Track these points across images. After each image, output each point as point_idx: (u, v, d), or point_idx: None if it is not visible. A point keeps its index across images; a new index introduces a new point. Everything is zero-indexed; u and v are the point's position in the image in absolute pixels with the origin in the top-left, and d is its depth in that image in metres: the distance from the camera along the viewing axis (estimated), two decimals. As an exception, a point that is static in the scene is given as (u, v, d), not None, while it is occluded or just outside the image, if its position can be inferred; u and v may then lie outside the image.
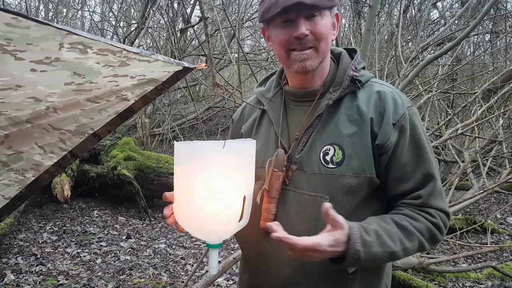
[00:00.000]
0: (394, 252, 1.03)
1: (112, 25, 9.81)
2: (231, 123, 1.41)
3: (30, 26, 0.79)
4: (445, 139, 3.87)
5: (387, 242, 1.02)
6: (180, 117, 8.76)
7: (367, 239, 1.00)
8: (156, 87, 1.31)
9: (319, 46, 1.08)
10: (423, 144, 1.10)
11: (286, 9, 1.04)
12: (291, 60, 1.10)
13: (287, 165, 1.13)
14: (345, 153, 1.07)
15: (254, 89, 1.33)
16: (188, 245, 4.36)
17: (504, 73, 5.35)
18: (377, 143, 1.07)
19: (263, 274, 1.19)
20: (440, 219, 1.09)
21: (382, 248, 1.02)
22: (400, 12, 5.21)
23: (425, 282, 3.23)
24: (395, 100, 1.10)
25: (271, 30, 1.13)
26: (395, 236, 1.04)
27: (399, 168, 1.08)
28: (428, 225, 1.07)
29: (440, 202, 1.10)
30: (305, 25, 1.06)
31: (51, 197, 4.90)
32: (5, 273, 3.39)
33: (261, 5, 1.12)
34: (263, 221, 1.13)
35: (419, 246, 1.07)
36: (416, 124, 1.10)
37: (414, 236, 1.06)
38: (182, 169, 1.01)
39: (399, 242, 1.04)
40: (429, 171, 1.09)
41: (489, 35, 7.97)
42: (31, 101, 1.19)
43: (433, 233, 1.08)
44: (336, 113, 1.12)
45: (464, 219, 4.72)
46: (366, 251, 0.99)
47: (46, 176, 1.54)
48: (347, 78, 1.13)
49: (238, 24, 5.15)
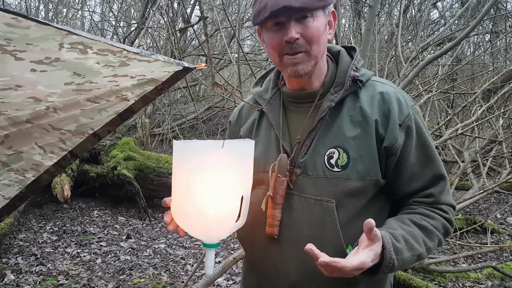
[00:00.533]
0: (420, 254, 1.05)
1: (112, 25, 9.81)
2: (228, 125, 1.39)
3: (30, 26, 0.79)
4: (445, 139, 3.87)
5: (415, 245, 1.04)
6: (180, 117, 8.76)
7: (398, 246, 1.00)
8: (156, 87, 1.30)
9: (310, 50, 1.06)
10: (429, 143, 1.11)
11: (274, 13, 1.01)
12: (283, 64, 1.09)
13: (290, 169, 1.11)
14: (350, 156, 1.06)
15: (251, 89, 1.31)
16: (188, 245, 4.36)
17: (504, 73, 5.35)
18: (385, 145, 1.06)
19: (270, 278, 1.18)
20: (451, 214, 1.13)
21: (411, 252, 1.03)
22: (400, 12, 5.21)
23: (425, 282, 3.23)
24: (399, 100, 1.10)
25: (264, 33, 1.11)
26: (419, 238, 1.06)
27: (408, 168, 1.09)
28: (443, 221, 1.10)
29: (448, 197, 1.13)
30: (296, 28, 1.03)
31: (51, 197, 4.90)
32: (5, 273, 3.39)
33: (253, 7, 1.10)
34: (269, 227, 1.12)
35: (438, 243, 1.10)
36: (420, 122, 1.11)
37: (434, 235, 1.08)
38: (181, 168, 1.01)
39: (423, 243, 1.06)
40: (439, 170, 1.11)
41: (489, 35, 7.97)
42: (31, 101, 1.19)
43: (447, 228, 1.11)
44: (339, 115, 1.10)
45: (464, 219, 4.72)
46: (399, 258, 0.99)
47: (46, 176, 1.54)
48: (348, 79, 1.11)
49: (238, 24, 5.15)
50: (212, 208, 0.99)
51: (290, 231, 1.10)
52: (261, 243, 1.15)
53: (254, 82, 1.36)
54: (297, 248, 1.09)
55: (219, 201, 1.00)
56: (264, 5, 1.03)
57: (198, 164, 0.98)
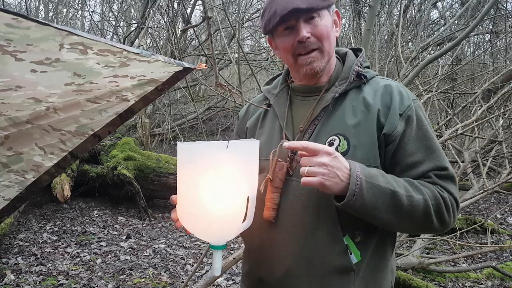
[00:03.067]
0: (396, 192, 1.00)
1: (112, 25, 9.81)
2: (236, 120, 1.43)
3: (30, 27, 0.79)
4: (445, 139, 3.87)
5: (391, 181, 1.02)
6: (180, 117, 8.77)
7: (370, 171, 1.01)
8: (156, 88, 1.30)
9: (323, 46, 1.12)
10: (430, 134, 1.11)
11: (284, 17, 1.08)
12: (298, 65, 1.15)
13: (291, 156, 1.14)
14: (350, 143, 1.08)
15: (262, 87, 1.37)
16: (188, 245, 4.36)
17: (504, 73, 5.35)
18: (384, 132, 1.08)
19: (266, 265, 1.19)
20: (448, 198, 1.05)
21: (385, 184, 1.00)
22: (400, 12, 5.21)
23: (425, 282, 3.23)
24: (400, 92, 1.13)
25: (276, 39, 1.17)
26: (401, 183, 1.03)
27: (408, 157, 1.08)
28: (436, 193, 1.04)
29: (450, 186, 1.07)
30: (306, 29, 1.09)
31: (51, 197, 4.90)
32: (5, 273, 3.39)
33: (262, 18, 1.16)
34: (266, 211, 1.14)
35: (424, 205, 1.02)
36: (421, 115, 1.12)
37: (420, 191, 1.03)
38: (186, 169, 1.00)
39: (403, 187, 1.02)
40: (441, 162, 1.09)
41: (489, 35, 7.97)
42: (31, 101, 1.19)
43: (439, 203, 1.04)
44: (341, 105, 1.14)
45: (464, 219, 4.72)
46: (368, 181, 0.99)
47: (46, 177, 1.54)
48: (353, 73, 1.16)
49: (238, 24, 5.15)
50: (218, 209, 0.98)
51: (286, 215, 1.12)
52: (258, 228, 1.16)
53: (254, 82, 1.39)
54: (292, 233, 1.11)
55: (225, 202, 0.99)
56: (274, 12, 1.09)
57: (203, 165, 0.98)
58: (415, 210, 1.02)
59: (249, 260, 1.30)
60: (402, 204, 1.01)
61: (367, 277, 1.11)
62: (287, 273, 1.13)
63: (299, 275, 1.12)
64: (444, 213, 1.05)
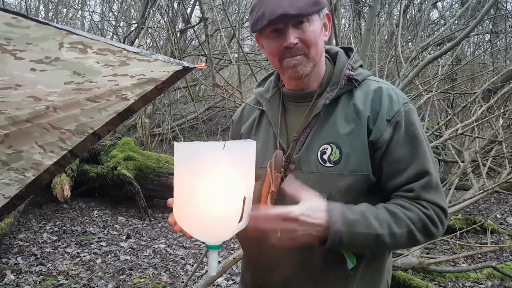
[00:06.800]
0: (379, 235, 1.01)
1: (112, 25, 9.81)
2: (231, 124, 1.42)
3: (30, 26, 0.79)
4: (445, 139, 3.87)
5: (373, 223, 1.01)
6: (180, 117, 8.76)
7: (351, 218, 1.00)
8: (156, 87, 1.31)
9: (309, 53, 1.10)
10: (418, 139, 1.09)
11: (272, 21, 1.05)
12: (284, 67, 1.12)
13: (285, 165, 1.14)
14: (342, 151, 1.08)
15: (253, 90, 1.35)
16: (188, 245, 4.36)
17: (504, 73, 5.35)
18: (371, 139, 1.07)
19: (266, 273, 1.19)
20: (434, 212, 1.06)
21: (367, 229, 1.01)
22: (400, 12, 5.21)
23: (425, 282, 3.23)
24: (390, 96, 1.11)
25: (263, 40, 1.15)
26: (383, 220, 1.03)
27: (393, 164, 1.08)
28: (420, 215, 1.04)
29: (434, 196, 1.07)
30: (294, 34, 1.07)
31: (51, 197, 4.90)
32: (5, 273, 3.39)
33: (250, 15, 1.13)
34: None
35: (409, 235, 1.04)
36: (411, 120, 1.10)
37: (403, 222, 1.03)
38: (182, 169, 1.00)
39: (386, 225, 1.02)
40: (423, 166, 1.07)
41: (489, 35, 7.97)
42: (31, 100, 1.19)
43: (425, 223, 1.04)
44: (333, 112, 1.13)
45: (464, 219, 4.73)
46: (348, 231, 0.99)
47: (46, 175, 1.54)
48: (343, 78, 1.13)
49: (238, 24, 5.15)
50: (214, 209, 0.98)
51: None
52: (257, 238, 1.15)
53: (254, 82, 1.38)
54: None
55: (222, 203, 0.99)
56: (262, 14, 1.06)
57: (200, 166, 0.98)
58: (399, 242, 1.05)
59: (248, 268, 1.31)
60: (385, 244, 1.04)
61: (364, 280, 1.13)
62: (287, 281, 1.15)
63: (298, 283, 1.14)
64: (430, 229, 1.06)
